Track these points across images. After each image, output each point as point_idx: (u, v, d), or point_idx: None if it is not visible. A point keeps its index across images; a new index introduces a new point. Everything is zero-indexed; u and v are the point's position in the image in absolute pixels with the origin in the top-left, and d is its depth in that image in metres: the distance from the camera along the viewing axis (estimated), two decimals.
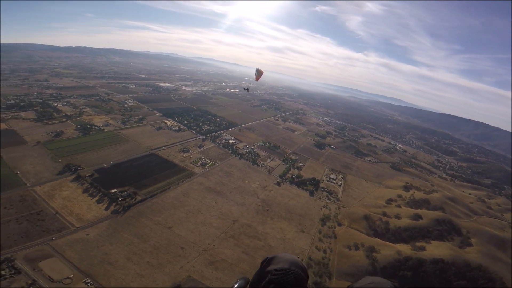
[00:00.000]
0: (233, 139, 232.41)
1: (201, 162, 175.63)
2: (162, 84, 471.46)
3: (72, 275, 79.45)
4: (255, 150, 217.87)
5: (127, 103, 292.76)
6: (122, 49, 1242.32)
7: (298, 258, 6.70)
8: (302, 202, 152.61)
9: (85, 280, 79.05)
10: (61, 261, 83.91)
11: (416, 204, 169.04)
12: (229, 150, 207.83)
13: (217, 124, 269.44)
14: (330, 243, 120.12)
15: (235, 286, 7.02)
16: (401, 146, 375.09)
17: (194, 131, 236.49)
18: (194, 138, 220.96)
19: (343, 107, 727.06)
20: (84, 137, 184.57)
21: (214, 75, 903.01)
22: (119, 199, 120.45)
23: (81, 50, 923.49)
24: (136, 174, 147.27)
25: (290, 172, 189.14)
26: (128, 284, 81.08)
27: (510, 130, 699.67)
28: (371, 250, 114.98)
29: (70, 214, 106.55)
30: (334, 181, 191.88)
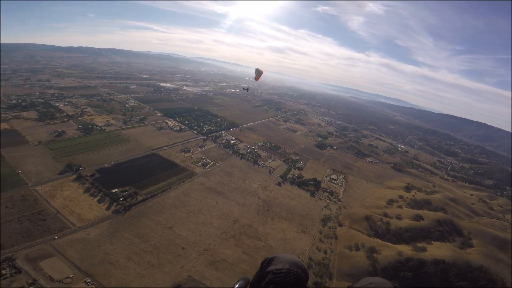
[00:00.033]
0: (234, 139, 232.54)
1: (202, 162, 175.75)
2: (164, 84, 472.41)
3: (72, 275, 79.65)
4: (256, 150, 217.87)
5: (129, 103, 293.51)
6: (124, 49, 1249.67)
7: (299, 258, 6.70)
8: (303, 202, 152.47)
9: (85, 279, 79.21)
10: (61, 260, 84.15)
11: (417, 204, 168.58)
12: (230, 150, 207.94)
13: (218, 124, 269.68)
14: (331, 244, 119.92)
15: (236, 286, 7.01)
16: (402, 146, 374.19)
17: (195, 131, 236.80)
18: (195, 138, 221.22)
19: (345, 107, 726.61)
20: (86, 137, 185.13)
21: (215, 75, 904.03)
22: (120, 199, 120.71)
23: (82, 50, 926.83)
24: (137, 174, 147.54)
25: (291, 172, 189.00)
26: (129, 284, 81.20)
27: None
28: (372, 250, 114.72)
29: (71, 213, 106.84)
30: (335, 181, 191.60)
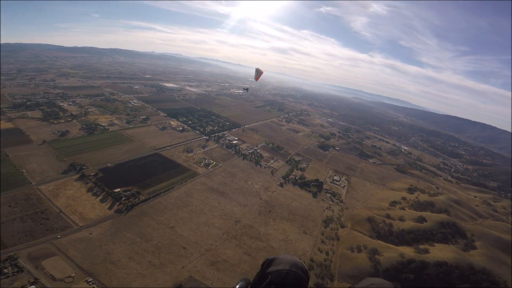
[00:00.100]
0: (236, 140, 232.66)
1: (204, 162, 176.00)
2: (167, 84, 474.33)
3: (74, 274, 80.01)
4: (258, 151, 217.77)
5: (132, 103, 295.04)
6: (128, 49, 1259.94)
7: (299, 259, 6.67)
8: (305, 203, 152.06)
9: (87, 279, 79.52)
10: (63, 259, 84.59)
11: (420, 206, 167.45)
12: (232, 150, 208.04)
13: (220, 125, 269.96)
14: (333, 245, 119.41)
15: (236, 287, 7.02)
16: (406, 148, 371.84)
17: (198, 132, 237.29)
18: (198, 138, 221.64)
19: (348, 108, 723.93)
20: (89, 136, 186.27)
21: (218, 75, 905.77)
22: (123, 199, 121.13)
23: (87, 50, 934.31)
24: (140, 174, 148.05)
25: (293, 173, 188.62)
26: (130, 283, 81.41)
27: None
28: (374, 252, 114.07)
29: (74, 213, 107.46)
30: (338, 182, 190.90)
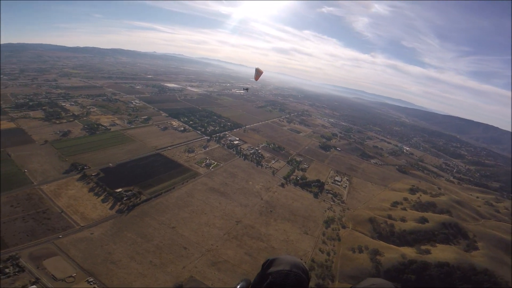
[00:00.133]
0: (237, 140, 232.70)
1: (205, 162, 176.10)
2: (168, 84, 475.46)
3: (75, 274, 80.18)
4: (259, 151, 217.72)
5: (134, 103, 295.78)
6: (129, 49, 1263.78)
7: (300, 260, 6.67)
8: (306, 204, 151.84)
9: (87, 279, 79.66)
10: (64, 259, 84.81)
11: (422, 207, 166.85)
12: (233, 151, 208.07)
13: (222, 125, 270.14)
14: (334, 246, 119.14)
15: (237, 287, 7.01)
16: (407, 148, 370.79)
17: (199, 132, 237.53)
18: (199, 138, 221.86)
19: (349, 108, 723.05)
20: (91, 136, 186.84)
21: (220, 76, 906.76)
22: (124, 199, 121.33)
23: (89, 51, 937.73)
24: (141, 174, 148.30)
25: (294, 173, 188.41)
26: (131, 283, 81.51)
27: None
28: (375, 253, 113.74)
29: (75, 213, 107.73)
30: (339, 183, 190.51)
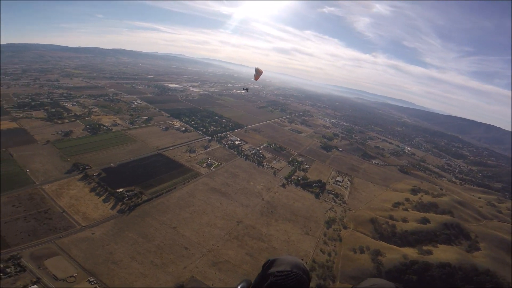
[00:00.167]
0: (238, 140, 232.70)
1: (206, 162, 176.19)
2: (170, 84, 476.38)
3: (76, 274, 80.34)
4: (260, 151, 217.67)
5: (135, 103, 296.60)
6: (131, 49, 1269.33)
7: (301, 260, 6.65)
8: (307, 204, 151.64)
9: (89, 279, 79.80)
10: (66, 259, 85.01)
11: (424, 207, 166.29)
12: (234, 151, 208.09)
13: (223, 125, 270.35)
14: (335, 246, 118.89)
15: None
16: (409, 149, 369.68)
17: (201, 132, 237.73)
18: (200, 138, 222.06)
19: (351, 109, 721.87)
20: (93, 136, 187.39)
21: (221, 76, 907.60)
22: (125, 199, 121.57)
23: (91, 51, 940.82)
24: (143, 174, 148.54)
25: (295, 174, 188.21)
26: (131, 283, 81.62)
27: None
28: (377, 253, 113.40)
29: (77, 212, 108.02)
30: (341, 183, 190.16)
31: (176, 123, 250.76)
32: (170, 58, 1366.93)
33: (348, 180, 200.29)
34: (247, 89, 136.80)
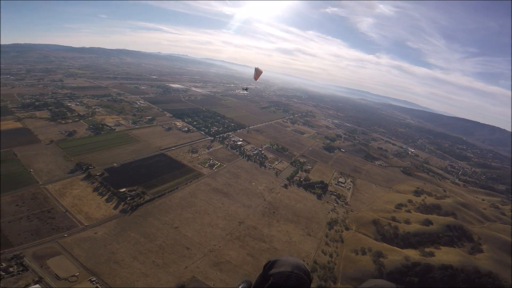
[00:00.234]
0: (241, 141, 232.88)
1: (209, 163, 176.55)
2: (173, 85, 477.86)
3: (78, 273, 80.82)
4: (263, 152, 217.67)
5: (138, 103, 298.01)
6: (134, 50, 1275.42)
7: (302, 261, 6.69)
8: (309, 205, 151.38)
9: (90, 278, 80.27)
10: (68, 259, 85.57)
11: (426, 209, 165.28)
12: (237, 151, 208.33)
13: (225, 126, 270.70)
14: (337, 247, 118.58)
15: None
16: (413, 150, 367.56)
17: (203, 132, 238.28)
18: (203, 139, 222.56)
19: (354, 109, 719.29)
20: (96, 136, 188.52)
21: (224, 76, 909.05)
22: (128, 199, 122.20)
23: (94, 51, 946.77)
24: (145, 174, 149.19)
25: (298, 174, 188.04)
26: (133, 283, 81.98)
27: None
28: (378, 255, 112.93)
29: (80, 212, 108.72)
30: (343, 184, 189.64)
31: (179, 123, 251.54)
32: (173, 59, 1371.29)
33: (351, 181, 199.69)
34: (247, 89, 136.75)
